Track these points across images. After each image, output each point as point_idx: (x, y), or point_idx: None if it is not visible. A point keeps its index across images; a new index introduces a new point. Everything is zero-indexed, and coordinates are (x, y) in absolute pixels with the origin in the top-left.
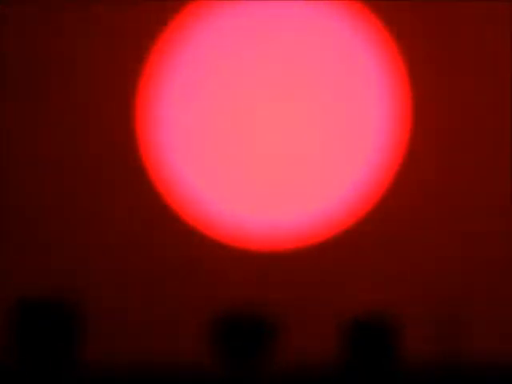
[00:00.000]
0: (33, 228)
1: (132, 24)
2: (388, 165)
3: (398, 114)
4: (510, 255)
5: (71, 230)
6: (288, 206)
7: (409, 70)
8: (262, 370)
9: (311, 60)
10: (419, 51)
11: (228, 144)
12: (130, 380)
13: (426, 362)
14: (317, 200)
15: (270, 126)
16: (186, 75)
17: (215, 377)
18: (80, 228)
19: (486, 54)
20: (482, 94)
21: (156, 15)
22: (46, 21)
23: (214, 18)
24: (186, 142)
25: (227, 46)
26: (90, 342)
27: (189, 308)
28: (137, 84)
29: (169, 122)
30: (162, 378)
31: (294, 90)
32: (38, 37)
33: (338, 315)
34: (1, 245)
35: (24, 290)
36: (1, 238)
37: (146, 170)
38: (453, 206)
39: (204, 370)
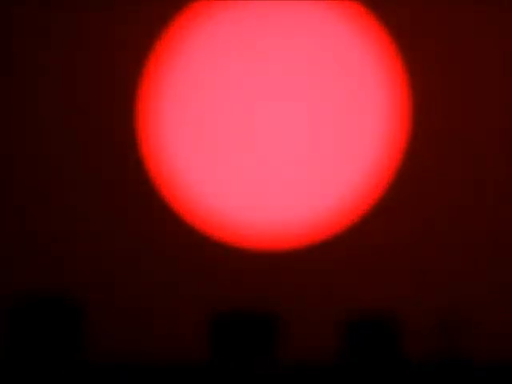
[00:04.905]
0: (32, 228)
1: (132, 24)
2: (388, 164)
3: (398, 114)
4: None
5: (71, 230)
6: (288, 206)
7: (408, 70)
8: (262, 369)
9: (311, 59)
10: (419, 51)
11: (227, 144)
12: (129, 380)
13: (426, 361)
14: (317, 200)
15: (270, 126)
16: (187, 75)
17: (215, 376)
18: (80, 228)
19: (488, 54)
20: (484, 94)
21: (157, 14)
22: (46, 20)
23: (213, 19)
24: (187, 142)
25: (226, 46)
26: (89, 342)
27: (189, 308)
28: (138, 84)
29: (170, 123)
30: (162, 377)
31: (294, 89)
32: (39, 36)
33: (338, 315)
34: (1, 245)
35: (24, 289)
36: (1, 237)
37: (147, 170)
38: (453, 206)
39: (204, 370)
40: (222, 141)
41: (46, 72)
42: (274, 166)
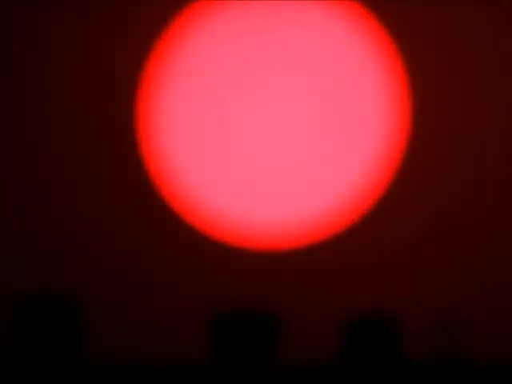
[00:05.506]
0: (32, 228)
1: (132, 24)
2: (388, 164)
3: (398, 114)
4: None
5: (71, 230)
6: (288, 206)
7: (409, 71)
8: (262, 369)
9: (311, 59)
10: (419, 51)
11: (227, 143)
12: (129, 380)
13: (426, 361)
14: (316, 200)
15: (270, 126)
16: (187, 75)
17: (215, 376)
18: (80, 227)
19: (488, 54)
20: (484, 94)
21: (157, 14)
22: (46, 20)
23: (213, 19)
24: (187, 142)
25: (225, 46)
26: (89, 342)
27: (189, 308)
28: (138, 84)
29: (170, 123)
30: (162, 377)
31: (293, 90)
32: (39, 36)
33: (338, 315)
34: (1, 245)
35: (24, 289)
36: (1, 237)
37: (147, 170)
38: (454, 206)
39: (204, 370)
40: (222, 141)
41: (46, 72)
42: (274, 166)
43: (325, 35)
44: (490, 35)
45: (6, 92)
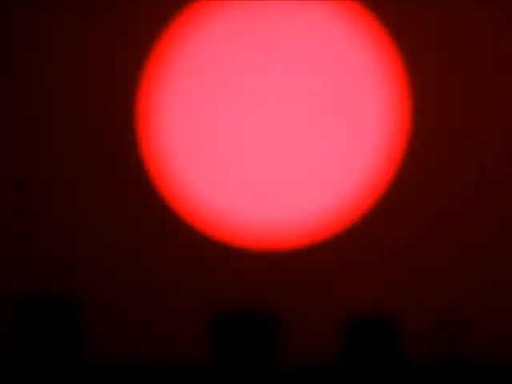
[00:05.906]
0: (32, 228)
1: (132, 24)
2: (388, 164)
3: (398, 114)
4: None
5: (71, 230)
6: (288, 206)
7: (409, 71)
8: (262, 369)
9: (311, 59)
10: (419, 51)
11: (227, 143)
12: (129, 380)
13: (426, 361)
14: (317, 200)
15: (270, 126)
16: (187, 75)
17: (215, 376)
18: (80, 228)
19: (488, 54)
20: (484, 94)
21: (157, 14)
22: (46, 20)
23: (213, 19)
24: (187, 141)
25: (225, 46)
26: (89, 342)
27: (189, 308)
28: (138, 84)
29: (170, 123)
30: (162, 377)
31: (293, 89)
32: (39, 36)
33: (338, 315)
34: (1, 245)
35: (24, 289)
36: (1, 237)
37: (147, 169)
38: (454, 206)
39: (204, 370)
40: (222, 140)
41: (46, 72)
42: (274, 166)
43: (325, 35)
44: (490, 35)
45: (6, 92)
